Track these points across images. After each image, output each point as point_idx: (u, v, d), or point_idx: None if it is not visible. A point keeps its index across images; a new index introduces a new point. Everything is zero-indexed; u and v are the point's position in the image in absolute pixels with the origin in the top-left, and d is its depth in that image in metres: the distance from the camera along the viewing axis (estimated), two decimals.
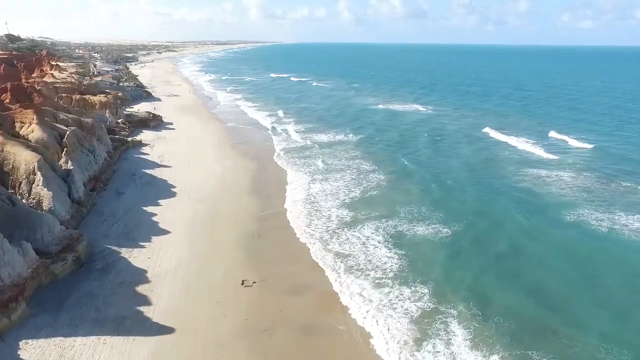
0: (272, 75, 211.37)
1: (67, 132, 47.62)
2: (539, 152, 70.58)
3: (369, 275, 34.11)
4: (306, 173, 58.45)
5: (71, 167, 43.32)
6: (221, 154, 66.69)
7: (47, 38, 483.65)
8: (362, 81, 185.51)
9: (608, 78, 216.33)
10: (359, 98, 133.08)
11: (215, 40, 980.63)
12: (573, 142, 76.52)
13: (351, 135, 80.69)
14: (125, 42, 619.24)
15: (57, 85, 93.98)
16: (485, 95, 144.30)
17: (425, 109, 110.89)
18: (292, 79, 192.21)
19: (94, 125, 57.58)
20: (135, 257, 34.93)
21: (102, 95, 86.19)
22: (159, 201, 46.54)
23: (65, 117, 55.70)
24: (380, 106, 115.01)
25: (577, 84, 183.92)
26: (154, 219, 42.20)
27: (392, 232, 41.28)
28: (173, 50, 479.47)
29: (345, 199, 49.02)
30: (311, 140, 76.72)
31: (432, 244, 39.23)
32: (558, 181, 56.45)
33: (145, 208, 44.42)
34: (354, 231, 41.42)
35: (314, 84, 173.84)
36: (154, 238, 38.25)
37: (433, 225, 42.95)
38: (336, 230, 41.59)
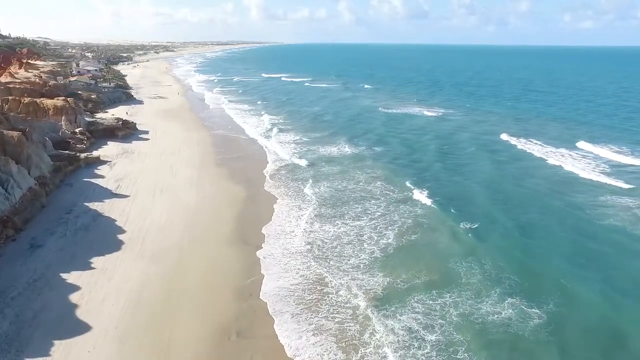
0: (267, 75, 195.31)
1: None
2: (584, 169, 54.65)
3: None
4: (310, 204, 42.42)
5: None
6: (201, 176, 50.96)
7: (45, 38, 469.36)
8: (363, 81, 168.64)
9: (618, 79, 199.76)
10: (360, 99, 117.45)
11: (217, 40, 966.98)
12: (619, 156, 60.18)
13: (357, 147, 64.34)
14: (125, 42, 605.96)
15: (12, 86, 78.70)
16: (495, 96, 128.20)
17: (432, 113, 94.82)
18: (291, 79, 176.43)
19: (22, 141, 41.89)
20: None
21: (59, 98, 70.52)
22: (91, 260, 30.66)
23: None
24: (383, 110, 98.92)
25: (588, 84, 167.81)
26: (72, 298, 26.34)
27: (454, 318, 25.56)
28: (171, 50, 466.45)
29: (374, 251, 33.22)
30: (313, 154, 60.58)
31: (524, 342, 23.78)
32: None
33: (64, 275, 28.54)
34: (392, 319, 25.64)
35: (314, 85, 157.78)
36: (56, 345, 22.38)
37: (510, 301, 27.45)
38: (365, 315, 25.91)
